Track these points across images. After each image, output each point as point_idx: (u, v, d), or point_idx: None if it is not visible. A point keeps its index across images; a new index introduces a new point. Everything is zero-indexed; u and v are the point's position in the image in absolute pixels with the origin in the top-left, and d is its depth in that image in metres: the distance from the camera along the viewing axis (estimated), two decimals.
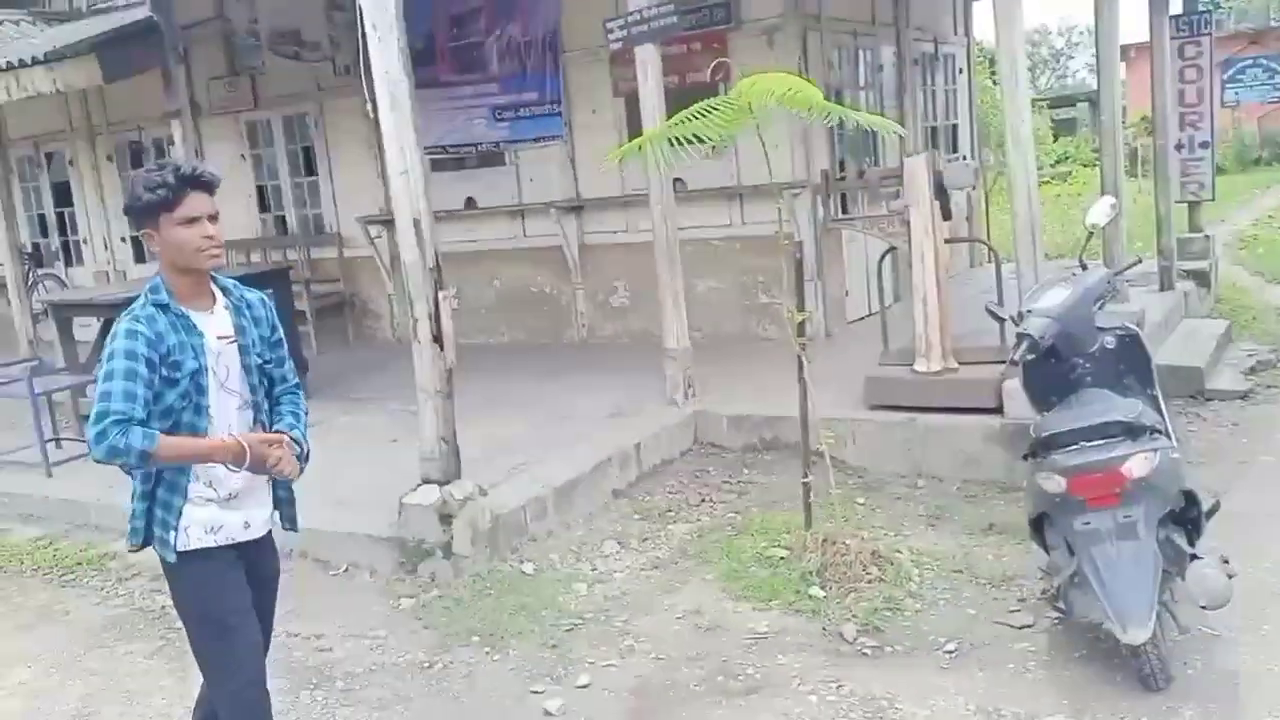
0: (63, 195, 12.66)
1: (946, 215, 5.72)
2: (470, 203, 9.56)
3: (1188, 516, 3.70)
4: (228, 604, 2.94)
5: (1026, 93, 5.46)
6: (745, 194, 8.10)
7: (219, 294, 2.96)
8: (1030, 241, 5.55)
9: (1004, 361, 5.35)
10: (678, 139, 4.53)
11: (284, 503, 3.09)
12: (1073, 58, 48.76)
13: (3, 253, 10.79)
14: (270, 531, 3.10)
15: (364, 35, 4.84)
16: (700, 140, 4.52)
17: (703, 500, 5.72)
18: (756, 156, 4.78)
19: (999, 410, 5.53)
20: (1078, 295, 4.01)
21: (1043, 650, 3.84)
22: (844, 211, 8.09)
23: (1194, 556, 3.51)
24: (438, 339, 4.89)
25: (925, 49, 9.93)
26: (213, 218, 2.86)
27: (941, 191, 5.62)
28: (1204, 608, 3.48)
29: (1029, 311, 4.12)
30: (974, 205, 10.52)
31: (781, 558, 4.68)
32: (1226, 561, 3.51)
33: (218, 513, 2.91)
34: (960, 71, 10.69)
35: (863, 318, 8.52)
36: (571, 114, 8.88)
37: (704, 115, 4.48)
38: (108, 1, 10.66)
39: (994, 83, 13.64)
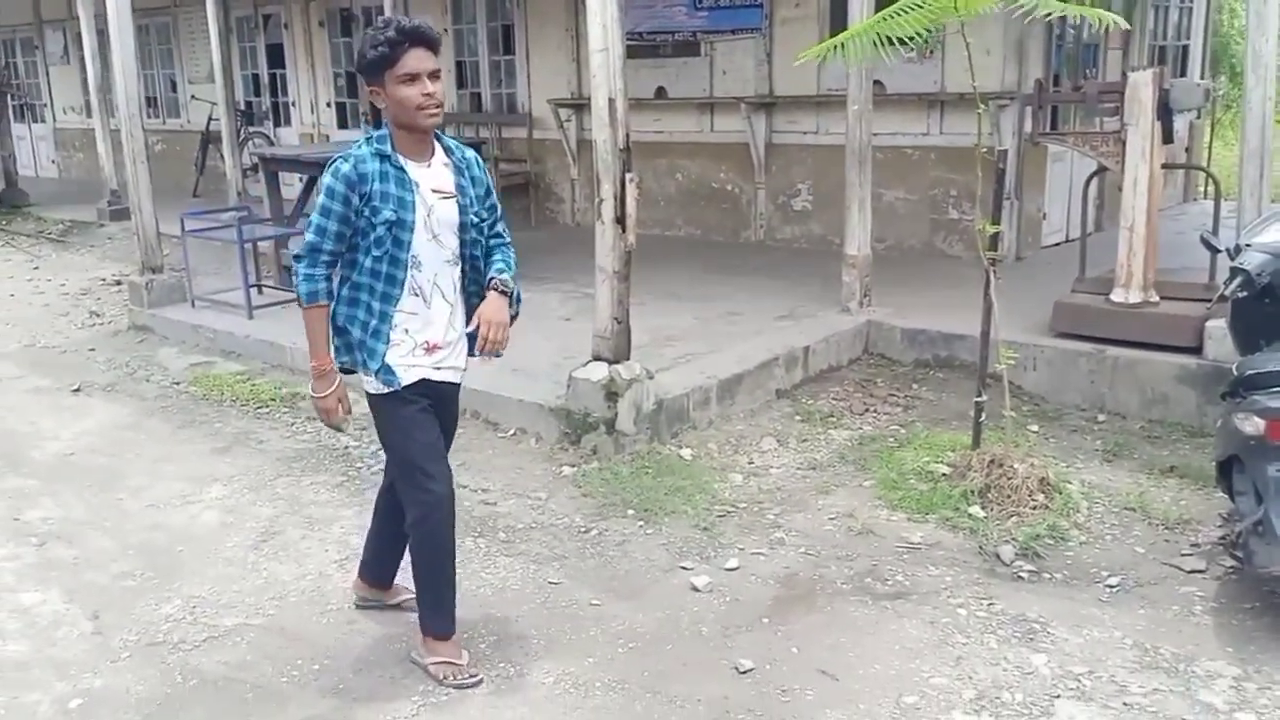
0: (276, 57, 13.27)
1: (1168, 138, 5.33)
2: (660, 92, 9.51)
3: None
4: (419, 445, 3.19)
5: (1276, 7, 4.97)
6: (947, 102, 7.76)
7: (440, 152, 3.13)
8: (1258, 175, 5.12)
9: (1209, 299, 5.04)
10: (878, 39, 4.34)
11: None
12: None
13: (221, 109, 11.51)
14: (458, 387, 3.36)
15: None
16: (901, 42, 4.32)
17: (867, 409, 5.66)
18: (964, 62, 4.56)
19: (1197, 350, 5.22)
20: None
21: (1211, 597, 3.67)
22: (1054, 128, 7.66)
23: None
24: (620, 220, 4.93)
25: None
26: (433, 75, 2.97)
27: (1165, 112, 5.23)
28: None
29: (1248, 245, 3.86)
30: (1197, 135, 9.77)
31: (943, 474, 4.60)
32: None
33: (411, 356, 3.15)
34: None
35: (1057, 244, 8.14)
36: (773, 6, 8.66)
37: (906, 12, 4.27)
38: None
39: (1235, 6, 12.49)
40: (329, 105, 12.63)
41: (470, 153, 3.25)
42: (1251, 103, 5.11)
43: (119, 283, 9.25)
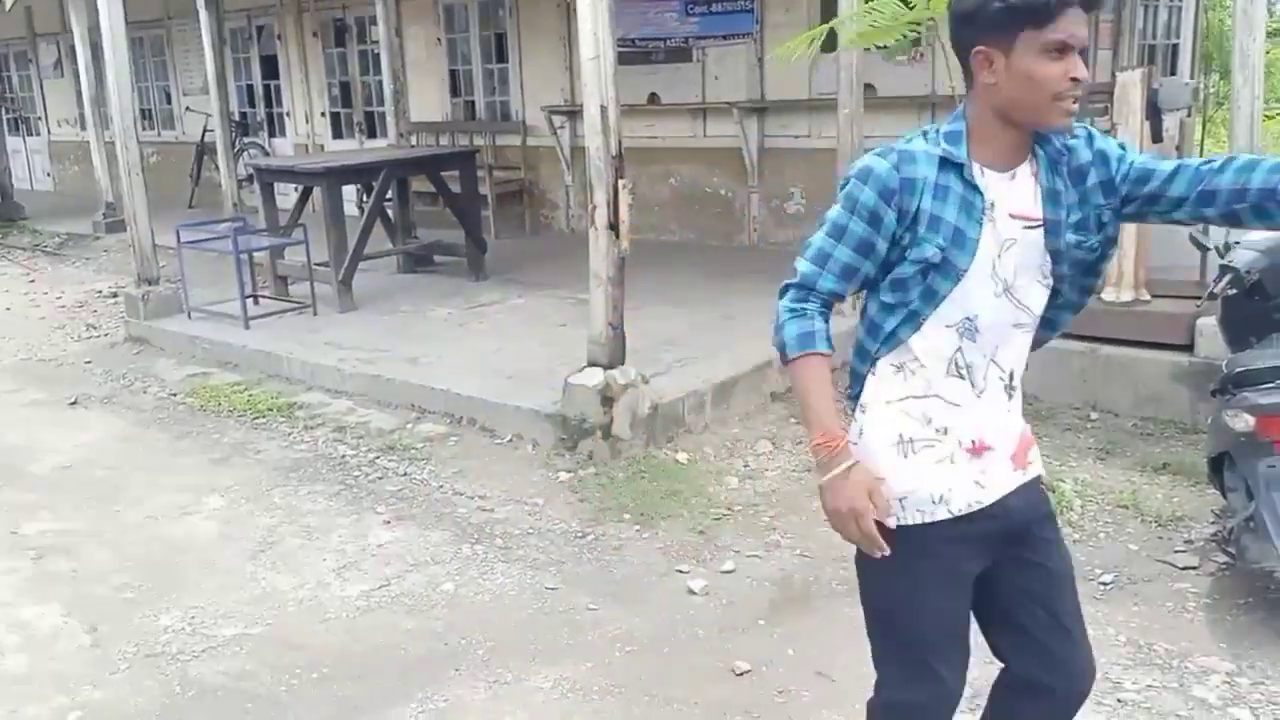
0: (270, 68, 13.29)
1: (1156, 138, 5.37)
2: (653, 98, 9.54)
3: None
4: (931, 622, 2.01)
5: (1263, 6, 5.01)
6: (939, 103, 7.77)
7: (1035, 148, 1.92)
8: None
9: (1200, 297, 5.06)
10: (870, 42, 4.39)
11: None
12: None
13: (216, 120, 11.54)
14: (1038, 495, 2.08)
15: None
16: (881, 46, 4.37)
17: None
18: (956, 63, 4.58)
19: (1189, 348, 5.25)
20: None
21: (1205, 593, 3.69)
22: None
23: None
24: (614, 226, 4.96)
25: None
26: (1084, 51, 1.83)
27: (1154, 111, 5.27)
28: None
29: (1236, 243, 3.89)
30: (1188, 132, 9.79)
31: None
32: None
33: (945, 471, 1.95)
34: None
35: None
36: (764, 11, 8.70)
37: (882, 10, 4.32)
38: None
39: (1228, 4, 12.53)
40: (323, 115, 12.64)
41: (1084, 130, 1.94)
42: (1239, 101, 5.14)
43: (115, 295, 9.26)
